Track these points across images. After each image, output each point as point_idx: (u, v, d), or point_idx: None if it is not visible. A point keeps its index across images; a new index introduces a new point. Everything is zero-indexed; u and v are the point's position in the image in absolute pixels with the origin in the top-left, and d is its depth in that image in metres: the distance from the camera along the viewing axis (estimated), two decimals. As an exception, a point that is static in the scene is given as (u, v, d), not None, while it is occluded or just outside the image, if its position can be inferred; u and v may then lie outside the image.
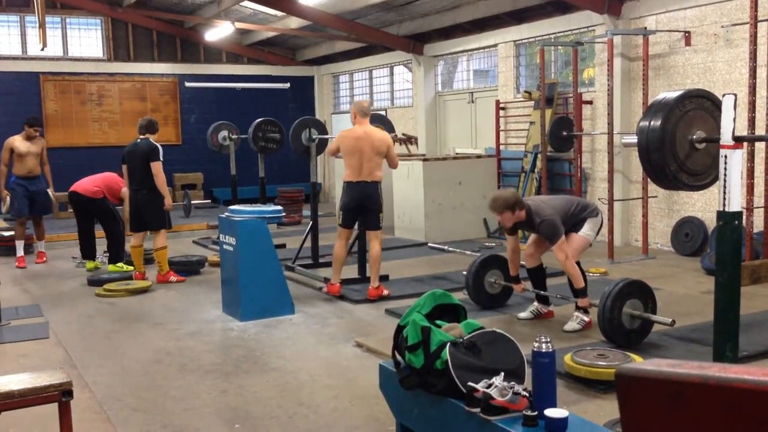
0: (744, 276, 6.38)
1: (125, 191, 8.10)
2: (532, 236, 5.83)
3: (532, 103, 10.49)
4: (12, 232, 10.18)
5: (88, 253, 8.61)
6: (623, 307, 4.86)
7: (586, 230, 5.51)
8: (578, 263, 5.52)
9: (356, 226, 7.05)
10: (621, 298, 4.86)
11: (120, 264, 8.30)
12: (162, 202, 7.54)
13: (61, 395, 3.07)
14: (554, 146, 9.56)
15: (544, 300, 5.83)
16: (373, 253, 6.71)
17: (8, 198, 8.84)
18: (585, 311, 5.46)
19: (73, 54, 14.88)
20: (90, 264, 8.54)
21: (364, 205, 6.66)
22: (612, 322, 4.84)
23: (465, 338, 2.92)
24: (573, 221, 5.50)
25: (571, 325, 5.40)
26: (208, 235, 10.96)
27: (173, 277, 7.72)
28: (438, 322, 3.09)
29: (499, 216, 5.43)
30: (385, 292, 6.72)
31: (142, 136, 7.64)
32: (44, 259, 9.08)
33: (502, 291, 6.18)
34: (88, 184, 8.42)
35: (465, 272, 6.27)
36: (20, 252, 8.88)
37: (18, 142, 8.86)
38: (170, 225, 7.85)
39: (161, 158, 7.48)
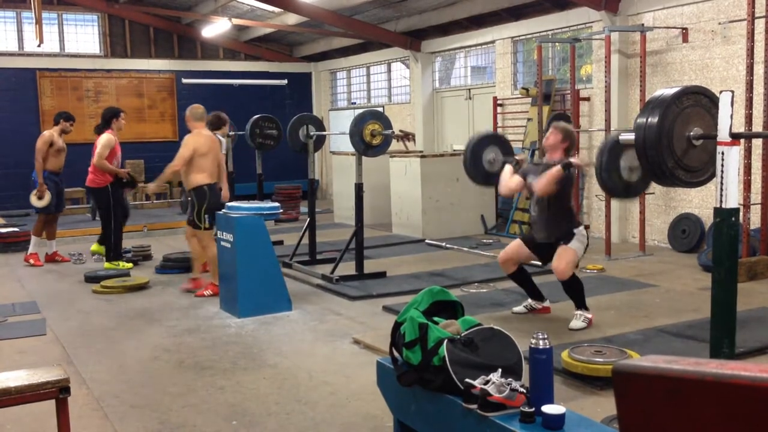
0: (741, 272, 6.40)
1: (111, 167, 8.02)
2: (515, 242, 5.77)
3: (529, 99, 10.50)
4: (9, 229, 10.18)
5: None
6: (620, 160, 4.76)
7: (575, 244, 5.43)
8: (576, 279, 5.46)
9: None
10: (618, 149, 4.76)
11: (117, 261, 8.26)
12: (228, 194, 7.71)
13: (58, 392, 3.06)
14: (552, 143, 9.55)
15: (537, 296, 5.82)
16: (215, 252, 6.76)
17: (47, 194, 8.62)
18: (586, 308, 5.46)
19: (70, 50, 14.85)
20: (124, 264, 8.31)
21: (220, 206, 6.85)
22: (610, 175, 4.76)
23: (462, 335, 2.92)
24: (566, 224, 5.49)
25: (575, 324, 5.39)
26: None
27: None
28: (435, 318, 3.09)
29: (552, 134, 5.45)
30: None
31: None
32: (61, 257, 8.91)
33: (500, 169, 5.96)
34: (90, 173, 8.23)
35: (462, 150, 6.16)
36: (34, 248, 8.73)
37: (56, 137, 8.71)
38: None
39: (224, 151, 7.59)
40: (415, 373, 2.92)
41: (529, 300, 5.84)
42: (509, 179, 5.63)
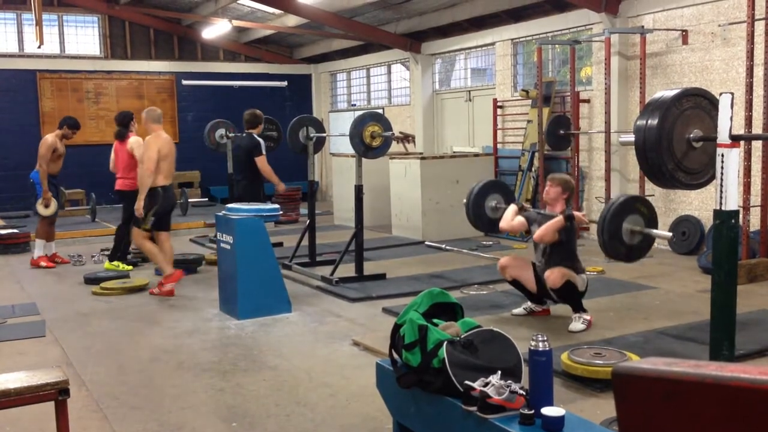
0: (740, 275, 6.40)
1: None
2: (524, 261, 5.81)
3: (529, 101, 10.50)
4: (9, 231, 10.18)
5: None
6: (623, 222, 4.79)
7: (577, 276, 5.45)
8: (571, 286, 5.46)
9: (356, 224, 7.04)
10: (621, 213, 4.79)
11: (116, 262, 8.26)
12: (258, 192, 7.72)
13: (57, 393, 3.06)
14: (551, 145, 9.57)
15: (536, 299, 5.82)
16: (171, 249, 7.07)
17: (53, 202, 8.59)
18: (585, 310, 5.46)
19: (70, 52, 14.86)
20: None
21: (172, 208, 7.05)
22: (612, 238, 4.78)
23: (462, 337, 2.92)
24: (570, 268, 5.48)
25: (575, 326, 5.39)
26: (205, 233, 10.96)
27: None
28: (435, 320, 3.09)
29: (551, 187, 5.55)
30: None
31: (246, 131, 7.85)
32: (61, 259, 8.92)
33: (504, 209, 6.01)
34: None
35: (465, 200, 6.22)
36: (42, 251, 8.71)
37: (58, 142, 8.68)
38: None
39: (263, 152, 7.65)
40: (414, 375, 2.92)
41: (529, 303, 5.84)
42: (512, 218, 5.75)
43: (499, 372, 2.69)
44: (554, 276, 5.31)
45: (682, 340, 5.07)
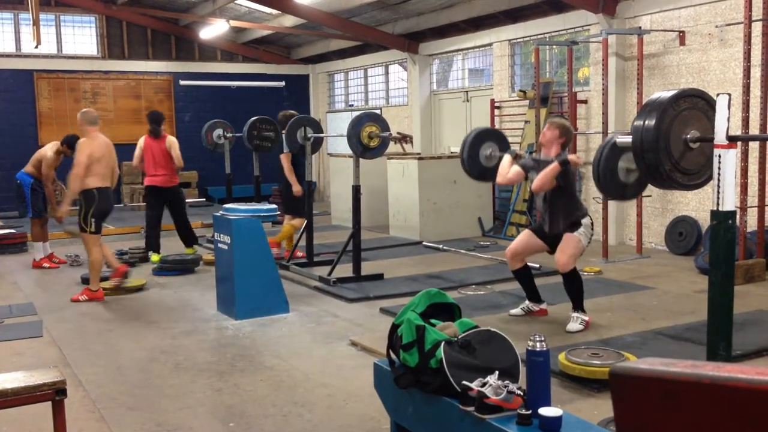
0: (737, 275, 6.40)
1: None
2: (525, 233, 5.80)
3: (527, 102, 10.50)
4: (6, 231, 10.16)
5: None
6: (619, 161, 4.77)
7: (580, 236, 5.48)
8: (577, 276, 5.49)
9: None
10: (617, 151, 4.77)
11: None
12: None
13: (54, 394, 3.06)
14: (549, 145, 9.55)
15: (535, 298, 5.83)
16: (98, 258, 6.94)
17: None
18: (583, 310, 5.47)
19: (68, 52, 14.84)
20: (155, 257, 8.67)
21: (109, 210, 7.05)
22: (607, 175, 4.77)
23: (459, 337, 2.92)
24: (574, 213, 5.50)
25: (572, 326, 5.40)
26: (202, 233, 10.94)
27: (275, 249, 8.17)
28: (433, 320, 3.09)
29: (549, 130, 5.49)
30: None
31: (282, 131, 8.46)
32: (58, 259, 8.90)
33: (498, 164, 5.97)
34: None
35: (459, 147, 6.17)
36: (42, 253, 8.73)
37: (56, 159, 8.69)
38: (304, 214, 8.41)
39: (286, 150, 8.26)
40: (412, 376, 2.92)
41: (527, 302, 5.84)
42: (508, 169, 5.66)
43: (497, 372, 2.69)
44: (563, 261, 5.36)
45: (679, 341, 5.08)
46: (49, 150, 8.69)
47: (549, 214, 5.53)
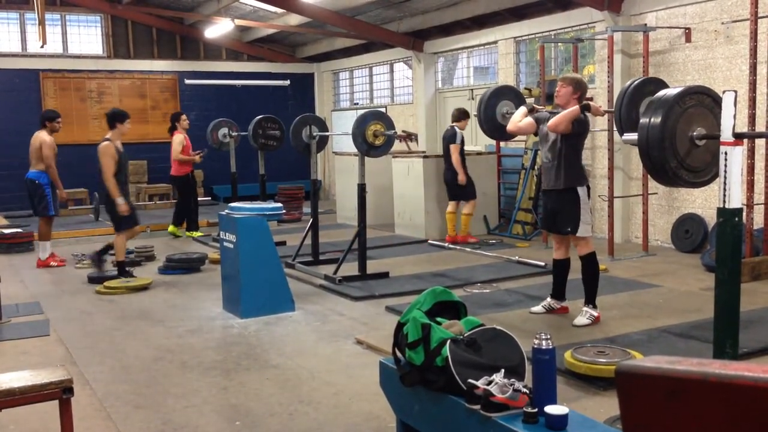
0: (744, 273, 6.39)
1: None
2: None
3: (532, 100, 10.48)
4: (13, 230, 10.20)
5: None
6: (639, 105, 4.75)
7: (583, 231, 5.48)
8: (595, 262, 5.55)
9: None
10: (639, 95, 4.75)
11: (192, 231, 10.73)
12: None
13: (61, 392, 3.07)
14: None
15: (558, 295, 5.81)
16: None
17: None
18: (594, 306, 5.46)
19: (73, 51, 14.88)
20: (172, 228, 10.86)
21: None
22: (630, 118, 4.75)
23: (465, 335, 2.92)
24: (574, 175, 5.47)
25: (580, 320, 5.39)
26: (208, 232, 10.97)
27: (471, 239, 9.34)
28: (438, 319, 3.09)
29: (561, 87, 5.44)
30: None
31: (451, 124, 9.43)
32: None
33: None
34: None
35: (477, 106, 6.18)
36: (48, 252, 8.74)
37: (53, 139, 8.73)
38: (473, 196, 9.36)
39: (457, 142, 9.17)
40: (418, 374, 2.92)
41: (549, 299, 5.81)
42: (521, 119, 5.64)
43: (503, 370, 2.69)
44: (581, 246, 5.51)
45: (685, 339, 5.07)
46: (40, 136, 8.68)
47: (553, 168, 5.48)
